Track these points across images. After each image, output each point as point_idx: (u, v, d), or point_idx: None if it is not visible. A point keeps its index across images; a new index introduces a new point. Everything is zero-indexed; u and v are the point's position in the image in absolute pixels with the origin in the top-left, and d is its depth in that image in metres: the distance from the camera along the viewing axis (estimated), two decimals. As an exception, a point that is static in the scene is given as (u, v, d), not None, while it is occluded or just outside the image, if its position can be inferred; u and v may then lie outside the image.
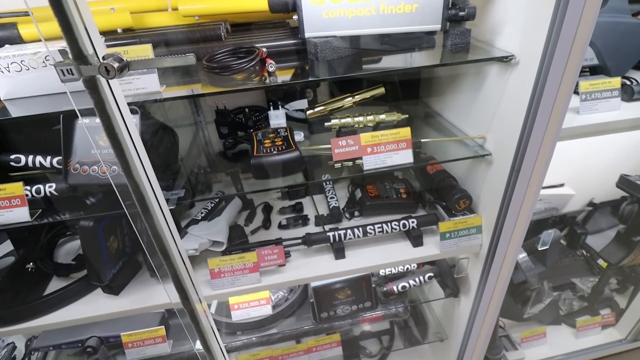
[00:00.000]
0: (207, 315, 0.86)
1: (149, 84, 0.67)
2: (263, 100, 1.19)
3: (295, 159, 0.80)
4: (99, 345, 1.05)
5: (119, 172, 0.73)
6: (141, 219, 0.65)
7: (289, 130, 0.90)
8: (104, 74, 0.48)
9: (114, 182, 0.73)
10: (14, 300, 0.90)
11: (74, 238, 1.03)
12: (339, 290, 1.06)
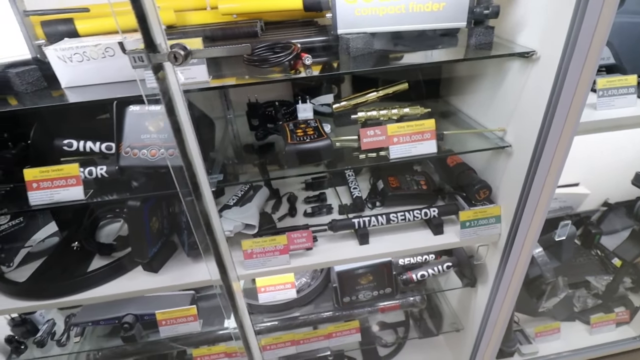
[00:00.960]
0: (241, 293, 0.92)
1: (198, 74, 0.73)
2: (290, 95, 1.25)
3: (326, 147, 0.85)
4: (134, 322, 1.11)
5: (167, 155, 0.80)
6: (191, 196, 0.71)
7: (319, 122, 0.96)
8: (172, 60, 0.54)
9: (163, 164, 0.80)
10: (62, 275, 0.98)
11: (114, 221, 1.10)
12: (362, 276, 1.11)
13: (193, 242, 0.91)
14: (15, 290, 0.94)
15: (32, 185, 0.82)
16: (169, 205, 1.00)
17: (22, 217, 1.07)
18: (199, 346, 1.28)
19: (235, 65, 0.91)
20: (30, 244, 1.07)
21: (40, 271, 0.99)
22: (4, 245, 1.03)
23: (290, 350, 1.31)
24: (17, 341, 1.10)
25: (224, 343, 1.27)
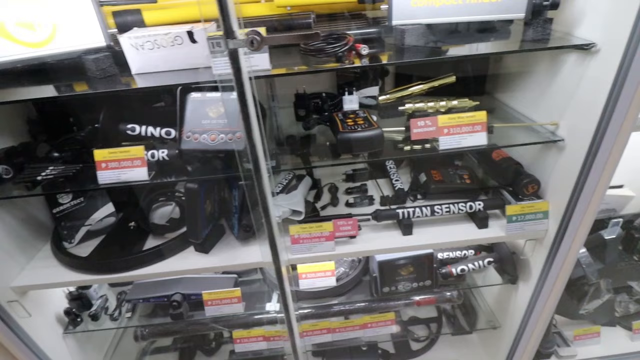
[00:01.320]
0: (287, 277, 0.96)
1: (261, 62, 0.76)
2: (333, 88, 1.28)
3: (377, 136, 0.87)
4: (182, 300, 1.17)
5: (226, 140, 0.84)
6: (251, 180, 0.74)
7: (367, 112, 0.98)
8: (249, 45, 0.57)
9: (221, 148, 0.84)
10: (121, 252, 1.04)
11: (167, 204, 1.16)
12: (403, 267, 1.12)
13: (245, 224, 0.95)
14: (80, 264, 1.01)
15: (101, 165, 0.87)
16: (220, 190, 1.05)
17: (83, 198, 1.14)
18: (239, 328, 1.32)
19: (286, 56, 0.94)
20: (90, 223, 1.14)
21: (101, 247, 1.06)
22: (66, 223, 1.11)
23: (325, 338, 1.34)
24: (74, 314, 1.18)
25: (262, 327, 1.32)
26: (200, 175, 0.93)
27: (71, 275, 1.01)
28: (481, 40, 0.93)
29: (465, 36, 0.92)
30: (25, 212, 1.09)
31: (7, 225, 1.02)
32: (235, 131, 0.84)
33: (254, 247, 1.04)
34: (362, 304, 1.32)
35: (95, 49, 0.82)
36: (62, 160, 0.97)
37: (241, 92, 0.63)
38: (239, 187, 0.95)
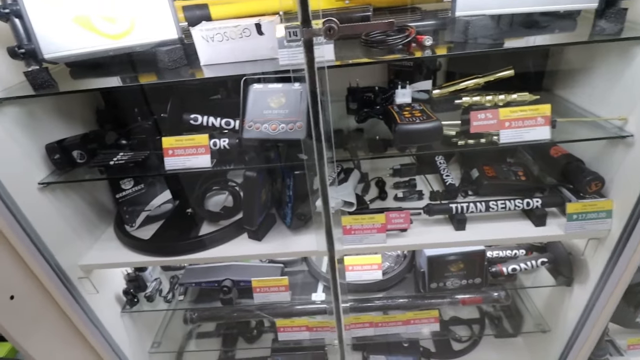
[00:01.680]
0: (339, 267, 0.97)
1: (326, 53, 0.78)
2: (384, 82, 1.28)
3: (436, 128, 0.87)
4: (232, 286, 1.21)
5: (287, 130, 0.86)
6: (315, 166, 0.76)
7: (424, 105, 0.97)
8: (325, 34, 0.59)
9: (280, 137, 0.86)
10: (179, 236, 1.09)
11: (220, 193, 1.21)
12: (453, 263, 1.11)
13: (300, 213, 0.97)
14: (142, 246, 1.07)
15: (168, 152, 0.92)
16: (274, 180, 1.08)
17: (143, 185, 1.20)
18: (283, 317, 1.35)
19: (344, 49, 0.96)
20: (149, 209, 1.20)
21: (161, 231, 1.12)
22: (128, 208, 1.17)
23: (367, 332, 1.35)
24: (132, 294, 1.25)
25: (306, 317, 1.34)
26: (259, 164, 0.96)
27: (133, 256, 1.07)
28: (546, 32, 0.90)
29: (530, 27, 0.90)
30: (92, 196, 1.17)
31: (77, 207, 1.10)
32: (296, 121, 0.86)
33: (305, 236, 1.06)
34: (406, 299, 1.32)
35: (168, 41, 0.87)
36: (130, 148, 1.04)
37: (312, 81, 0.65)
38: (293, 177, 0.98)
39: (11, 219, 0.87)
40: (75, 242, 1.08)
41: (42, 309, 0.98)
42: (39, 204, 0.96)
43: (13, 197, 0.88)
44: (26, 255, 0.91)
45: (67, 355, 1.07)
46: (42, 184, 0.96)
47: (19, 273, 0.92)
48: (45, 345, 0.99)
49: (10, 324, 0.88)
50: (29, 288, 0.95)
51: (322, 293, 1.27)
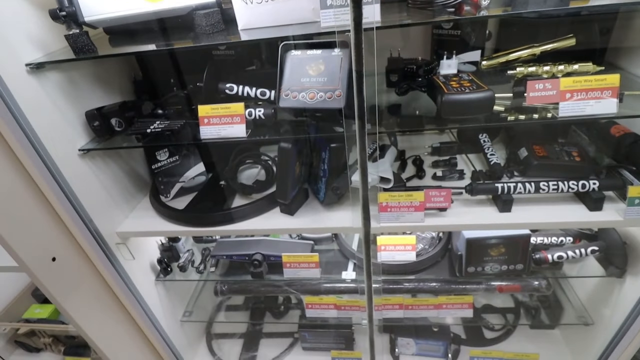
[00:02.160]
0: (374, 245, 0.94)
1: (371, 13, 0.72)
2: (427, 54, 1.20)
3: (488, 98, 0.80)
4: (262, 260, 1.21)
5: (325, 98, 0.82)
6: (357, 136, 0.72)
7: (473, 75, 0.90)
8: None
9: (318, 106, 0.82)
10: (213, 208, 1.09)
11: (253, 166, 1.20)
12: (493, 246, 1.05)
13: (335, 187, 0.94)
14: (176, 216, 1.07)
15: (204, 121, 0.91)
16: (309, 153, 1.04)
17: (178, 156, 1.21)
18: (312, 294, 1.35)
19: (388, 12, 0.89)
20: (183, 180, 1.21)
21: (195, 202, 1.12)
22: (163, 179, 1.18)
23: (397, 314, 1.32)
24: (165, 263, 1.27)
25: (334, 295, 1.33)
26: (294, 135, 0.93)
27: (167, 225, 1.08)
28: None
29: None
30: (130, 166, 1.18)
31: (115, 176, 1.11)
32: (335, 89, 0.82)
33: (338, 212, 1.03)
34: (439, 283, 1.27)
35: (206, 4, 0.84)
36: (166, 117, 1.03)
37: (358, 42, 0.61)
38: (329, 150, 0.94)
39: (53, 183, 0.89)
40: (113, 210, 1.10)
41: (82, 273, 1.02)
42: (79, 170, 0.98)
43: (55, 162, 0.90)
44: (67, 219, 0.94)
45: (104, 317, 1.11)
46: (82, 150, 0.98)
47: (61, 236, 0.95)
48: (83, 306, 1.03)
49: (52, 284, 0.92)
50: (70, 251, 0.98)
51: (353, 272, 1.25)
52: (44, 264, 0.90)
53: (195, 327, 1.58)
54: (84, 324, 1.02)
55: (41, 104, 0.89)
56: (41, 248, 0.90)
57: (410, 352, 1.46)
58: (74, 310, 0.99)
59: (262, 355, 1.54)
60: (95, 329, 1.07)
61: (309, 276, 1.19)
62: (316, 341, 1.49)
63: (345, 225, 0.97)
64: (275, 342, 1.59)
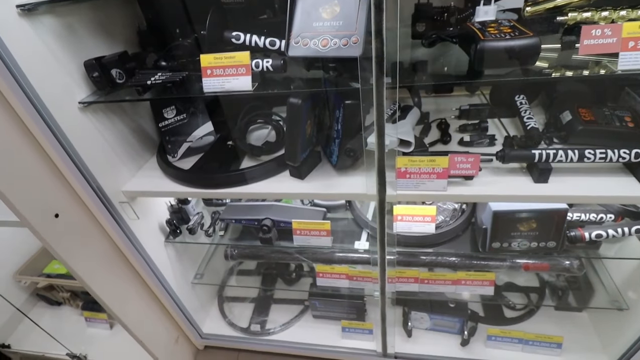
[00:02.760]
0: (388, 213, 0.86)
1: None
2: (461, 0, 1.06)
3: (533, 45, 0.68)
4: (272, 226, 1.16)
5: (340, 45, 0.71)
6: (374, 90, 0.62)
7: (514, 21, 0.77)
8: None
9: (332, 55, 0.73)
10: (219, 169, 1.03)
11: (264, 127, 1.12)
12: (524, 221, 0.95)
13: (349, 149, 0.85)
14: (182, 176, 1.02)
15: (207, 72, 0.83)
16: (321, 111, 0.95)
17: (185, 114, 1.14)
18: (322, 263, 1.30)
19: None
20: (191, 140, 1.15)
21: (201, 162, 1.06)
22: (170, 138, 1.13)
23: (411, 287, 1.25)
24: (175, 225, 1.25)
25: (346, 265, 1.27)
26: (305, 89, 0.83)
27: (174, 186, 1.04)
28: None
29: None
30: (136, 123, 1.13)
31: (120, 133, 1.06)
32: (351, 35, 0.71)
33: (352, 178, 0.95)
34: (459, 258, 1.19)
35: None
36: (170, 69, 0.96)
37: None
38: (344, 107, 0.84)
39: (52, 137, 0.85)
40: (118, 168, 1.06)
41: (87, 231, 1.00)
42: (80, 125, 0.93)
43: (53, 115, 0.85)
44: (69, 175, 0.90)
45: (113, 276, 1.10)
46: (82, 103, 0.92)
47: (64, 193, 0.92)
48: (90, 264, 1.01)
49: (55, 240, 0.90)
50: (74, 209, 0.95)
51: (366, 242, 1.18)
52: (46, 220, 0.88)
53: (207, 289, 1.58)
54: (90, 281, 1.01)
55: (36, 51, 0.83)
56: (43, 204, 0.87)
57: (424, 326, 1.41)
58: (80, 267, 0.97)
59: (273, 320, 1.53)
60: (103, 287, 1.07)
61: (319, 244, 1.14)
62: (327, 310, 1.46)
63: (359, 192, 0.89)
64: (286, 308, 1.57)
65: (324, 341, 1.42)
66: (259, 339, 1.47)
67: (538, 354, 1.29)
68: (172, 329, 1.41)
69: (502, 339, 1.31)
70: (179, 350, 1.45)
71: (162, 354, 1.34)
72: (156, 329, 1.32)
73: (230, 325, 1.53)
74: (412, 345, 1.37)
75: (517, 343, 1.30)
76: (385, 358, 1.35)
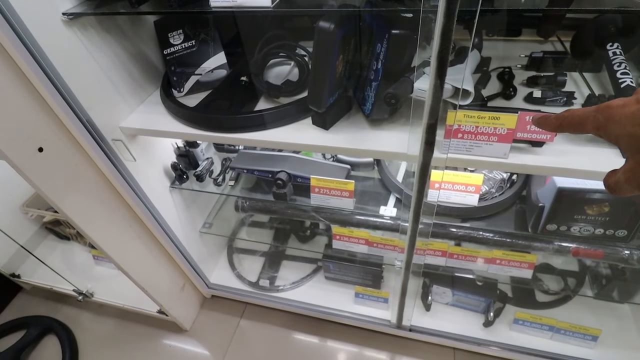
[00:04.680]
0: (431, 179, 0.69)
1: None
2: None
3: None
4: (287, 180, 1.02)
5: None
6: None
7: None
8: None
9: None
10: (230, 109, 0.88)
11: (285, 62, 0.94)
12: (594, 203, 0.77)
13: (391, 94, 0.66)
14: (186, 114, 0.87)
15: (215, -20, 0.64)
16: (357, 45, 0.76)
17: (194, 41, 0.96)
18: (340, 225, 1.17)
19: None
20: (200, 72, 0.98)
21: (209, 100, 0.91)
22: (176, 68, 0.96)
23: (438, 261, 1.12)
24: (181, 170, 1.13)
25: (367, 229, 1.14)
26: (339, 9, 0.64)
27: (177, 126, 0.89)
28: None
29: None
30: (136, 47, 0.96)
31: (117, 57, 0.90)
32: None
33: (387, 132, 0.78)
34: (497, 235, 1.04)
35: None
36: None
37: None
38: (388, 40, 0.65)
39: (27, 55, 0.69)
40: (114, 100, 0.91)
41: (78, 169, 0.88)
42: (65, 42, 0.77)
43: (29, 28, 0.69)
44: (52, 103, 0.76)
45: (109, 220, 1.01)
46: (67, 14, 0.76)
47: (48, 124, 0.79)
48: (83, 207, 0.91)
49: (39, 177, 0.78)
50: (62, 144, 0.83)
51: (394, 208, 1.03)
52: (26, 153, 0.76)
53: (216, 239, 1.50)
54: (83, 223, 0.92)
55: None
56: (21, 135, 0.74)
57: (445, 301, 1.30)
58: (70, 208, 0.87)
59: (283, 277, 1.46)
60: (99, 230, 0.98)
61: (340, 206, 1.00)
62: (340, 273, 1.36)
63: (397, 151, 0.72)
64: (298, 266, 1.49)
65: (335, 304, 1.34)
66: (268, 294, 1.41)
67: (569, 344, 1.17)
68: (178, 277, 1.35)
69: (530, 324, 1.19)
70: (185, 298, 1.41)
71: (166, 301, 1.29)
72: (160, 277, 1.25)
73: (239, 278, 1.46)
74: (429, 320, 1.27)
75: (546, 330, 1.18)
76: (399, 329, 1.26)
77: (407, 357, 1.29)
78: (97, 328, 1.51)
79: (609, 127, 0.34)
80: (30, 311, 1.56)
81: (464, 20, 0.65)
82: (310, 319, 1.40)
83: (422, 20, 0.52)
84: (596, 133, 0.36)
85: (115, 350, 1.43)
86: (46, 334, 1.49)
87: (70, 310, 1.57)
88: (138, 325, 1.49)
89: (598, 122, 0.35)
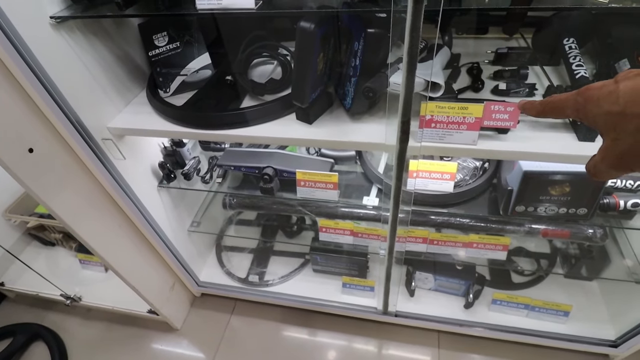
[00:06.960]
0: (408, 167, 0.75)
1: None
2: None
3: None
4: (274, 175, 1.06)
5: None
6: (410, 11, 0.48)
7: None
8: None
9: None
10: (216, 107, 0.91)
11: (268, 62, 0.98)
12: (557, 184, 0.84)
13: (369, 88, 0.72)
14: (173, 113, 0.90)
15: (200, -17, 0.68)
16: (336, 43, 0.81)
17: (179, 43, 0.99)
18: (326, 217, 1.22)
19: None
20: (185, 73, 1.01)
21: (196, 99, 0.94)
22: (162, 69, 0.99)
23: (419, 247, 1.18)
24: (168, 169, 1.15)
25: (351, 220, 1.19)
26: (319, 10, 0.68)
27: (164, 124, 0.92)
28: None
29: None
30: (122, 50, 0.98)
31: (103, 59, 0.92)
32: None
33: (366, 125, 0.83)
34: (473, 220, 1.11)
35: None
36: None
37: None
38: (365, 38, 0.70)
39: (17, 57, 0.71)
40: (102, 101, 0.93)
41: (68, 169, 0.90)
42: (54, 45, 0.79)
43: (19, 31, 0.71)
44: (42, 104, 0.78)
45: (100, 220, 1.03)
46: (55, 18, 0.78)
47: (38, 125, 0.81)
48: (73, 206, 0.93)
49: (30, 178, 0.80)
50: (51, 145, 0.84)
51: (376, 198, 1.09)
52: (17, 154, 0.77)
53: (204, 238, 1.52)
54: (73, 223, 0.93)
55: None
56: (12, 136, 0.76)
57: (428, 287, 1.36)
58: (60, 208, 0.89)
59: (271, 272, 1.49)
60: (89, 230, 0.99)
61: (325, 198, 1.05)
62: (327, 265, 1.41)
63: (376, 141, 0.78)
64: (286, 260, 1.53)
65: (323, 295, 1.39)
66: (257, 289, 1.44)
67: (543, 320, 1.26)
68: (168, 276, 1.36)
69: (507, 304, 1.26)
70: (175, 297, 1.42)
71: (156, 300, 1.31)
72: (150, 276, 1.27)
73: (228, 275, 1.49)
74: (414, 305, 1.33)
75: (522, 309, 1.26)
76: (385, 315, 1.32)
77: (394, 342, 1.35)
78: (85, 332, 1.50)
79: (588, 108, 0.35)
80: (15, 319, 1.55)
81: (433, 20, 0.72)
82: (299, 311, 1.44)
83: (393, 19, 0.57)
84: (576, 115, 0.38)
85: (105, 354, 1.43)
86: (34, 341, 1.48)
87: (56, 317, 1.56)
88: (127, 328, 1.50)
89: (578, 104, 0.37)
